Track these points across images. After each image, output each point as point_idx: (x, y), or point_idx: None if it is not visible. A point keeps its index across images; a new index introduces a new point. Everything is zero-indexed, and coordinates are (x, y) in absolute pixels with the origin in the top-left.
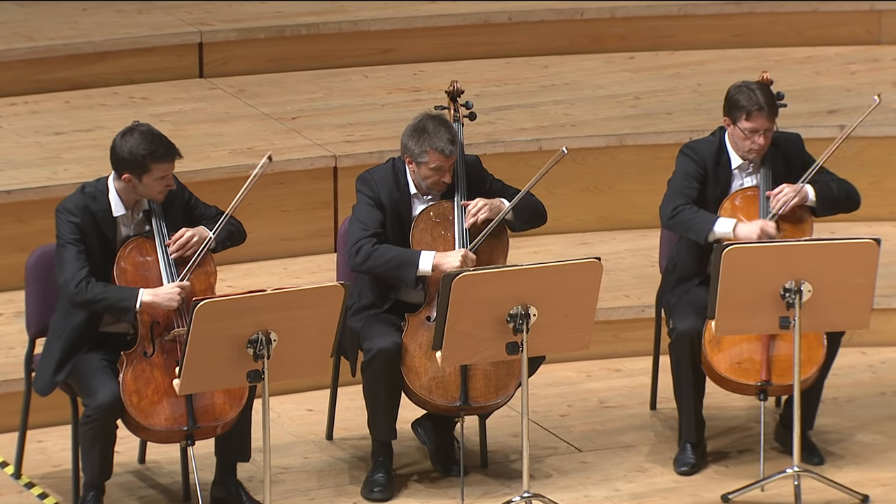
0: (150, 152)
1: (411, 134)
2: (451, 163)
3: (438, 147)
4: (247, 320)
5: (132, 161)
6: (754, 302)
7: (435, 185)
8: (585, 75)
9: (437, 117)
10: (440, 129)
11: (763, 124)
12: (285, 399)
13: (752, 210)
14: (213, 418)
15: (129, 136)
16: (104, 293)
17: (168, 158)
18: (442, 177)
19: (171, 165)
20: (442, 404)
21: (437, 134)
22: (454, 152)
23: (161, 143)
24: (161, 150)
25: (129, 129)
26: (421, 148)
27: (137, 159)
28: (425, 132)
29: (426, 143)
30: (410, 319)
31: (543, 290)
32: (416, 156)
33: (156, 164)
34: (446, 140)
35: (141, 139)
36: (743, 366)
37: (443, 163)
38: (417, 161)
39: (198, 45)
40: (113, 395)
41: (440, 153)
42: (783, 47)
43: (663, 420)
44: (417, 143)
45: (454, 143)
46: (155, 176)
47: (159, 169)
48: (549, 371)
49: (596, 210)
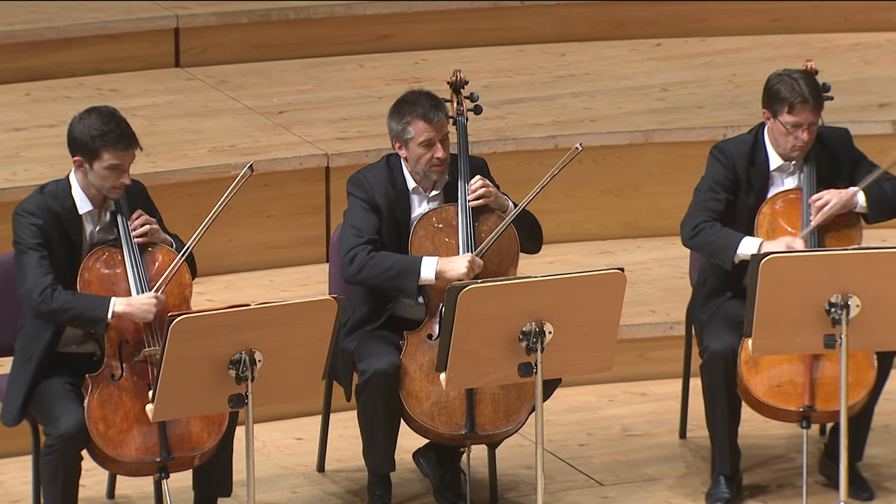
0: (101, 134)
1: (391, 113)
2: (442, 134)
3: (420, 114)
4: (228, 338)
5: (83, 143)
6: (796, 318)
7: (431, 168)
8: (607, 64)
9: (418, 90)
10: (419, 97)
11: (807, 118)
12: (271, 426)
13: (795, 215)
14: (190, 448)
15: (86, 115)
16: (72, 302)
17: (120, 146)
18: (435, 152)
19: (124, 155)
20: (446, 432)
21: (416, 101)
22: (441, 118)
23: (117, 127)
24: (114, 134)
25: (91, 108)
26: (403, 121)
27: (88, 141)
28: (404, 103)
29: (407, 115)
30: (410, 338)
31: (560, 305)
32: (401, 134)
33: (106, 150)
34: (428, 106)
35: (97, 119)
36: (783, 389)
37: (431, 133)
38: (404, 140)
39: (173, 31)
40: (77, 422)
41: (424, 120)
42: (828, 33)
43: (694, 450)
44: (398, 117)
45: (439, 108)
46: (105, 163)
47: (111, 156)
48: (567, 395)
49: (619, 215)
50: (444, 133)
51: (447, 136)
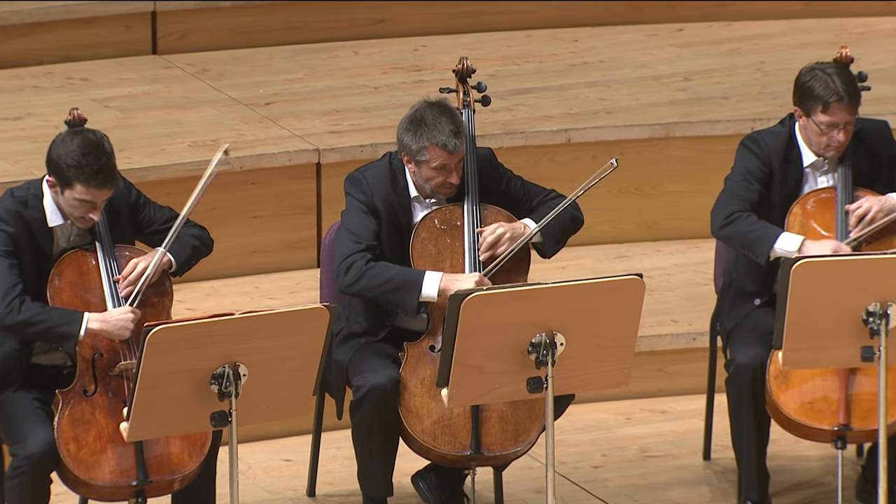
0: (76, 166)
1: (407, 127)
2: (458, 160)
3: (440, 142)
4: (210, 351)
5: (57, 166)
6: (830, 328)
7: (440, 188)
8: (624, 51)
9: (437, 104)
10: (441, 120)
11: (843, 117)
12: (257, 447)
13: (828, 217)
14: (169, 471)
15: (70, 139)
16: (42, 315)
17: (93, 183)
18: (448, 177)
19: (98, 192)
20: (449, 453)
21: (437, 125)
22: (460, 147)
23: (96, 162)
24: (90, 170)
25: (78, 131)
26: (419, 144)
27: (62, 167)
28: (423, 124)
29: (425, 138)
30: (410, 350)
31: (573, 314)
32: (414, 154)
33: (79, 185)
34: (449, 132)
35: (78, 148)
36: (816, 406)
37: (447, 160)
38: (417, 160)
39: (150, 15)
40: (46, 442)
41: (443, 149)
42: (865, 17)
43: (719, 473)
44: (415, 138)
45: (459, 136)
46: (77, 195)
47: (83, 191)
48: (580, 413)
49: (637, 216)
50: (459, 159)
51: (462, 161)
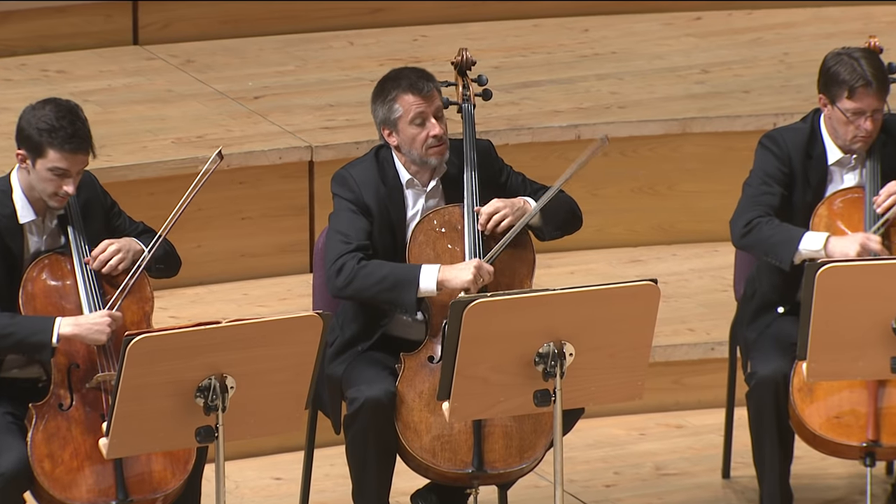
0: (49, 129)
1: (375, 96)
2: (434, 107)
3: (406, 86)
4: (195, 362)
5: (28, 135)
6: (858, 338)
7: (429, 150)
8: (637, 41)
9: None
10: (403, 70)
11: (871, 104)
12: (246, 464)
13: (857, 217)
14: (151, 489)
15: (41, 106)
16: (10, 327)
17: (67, 147)
18: (429, 130)
19: (72, 159)
20: (449, 471)
21: (400, 75)
22: (431, 89)
23: (71, 125)
24: (64, 133)
25: (50, 99)
26: (388, 100)
27: (34, 134)
28: (386, 80)
29: (391, 90)
30: (408, 360)
31: (583, 322)
32: (388, 117)
33: (53, 149)
34: (415, 77)
35: (51, 112)
36: (843, 421)
37: (421, 107)
38: (393, 123)
39: (131, 3)
40: (19, 460)
41: (411, 92)
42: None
43: (739, 491)
44: (382, 98)
45: (427, 78)
46: (49, 164)
47: (56, 156)
48: (591, 428)
49: (651, 217)
50: (436, 106)
51: (441, 110)
